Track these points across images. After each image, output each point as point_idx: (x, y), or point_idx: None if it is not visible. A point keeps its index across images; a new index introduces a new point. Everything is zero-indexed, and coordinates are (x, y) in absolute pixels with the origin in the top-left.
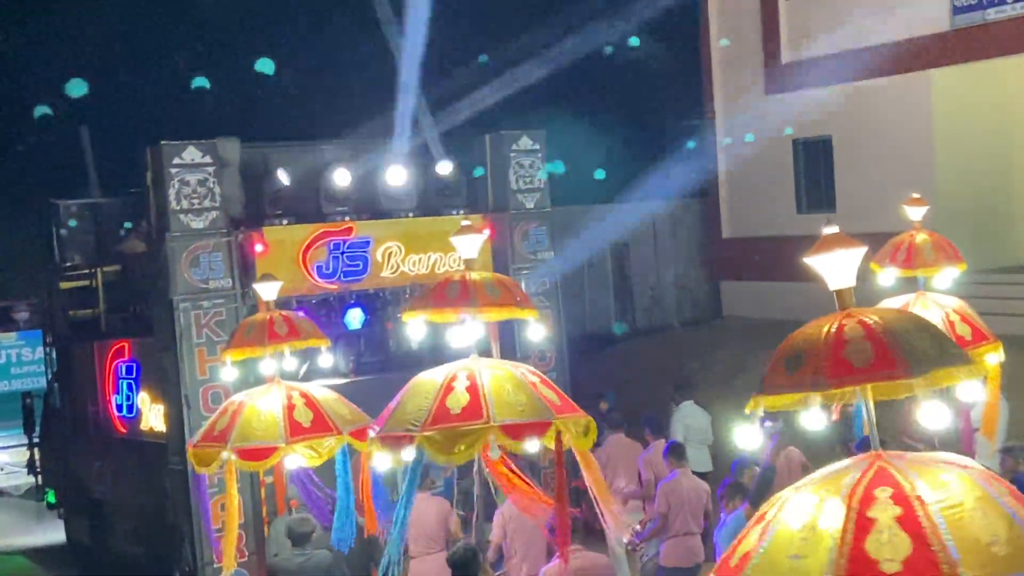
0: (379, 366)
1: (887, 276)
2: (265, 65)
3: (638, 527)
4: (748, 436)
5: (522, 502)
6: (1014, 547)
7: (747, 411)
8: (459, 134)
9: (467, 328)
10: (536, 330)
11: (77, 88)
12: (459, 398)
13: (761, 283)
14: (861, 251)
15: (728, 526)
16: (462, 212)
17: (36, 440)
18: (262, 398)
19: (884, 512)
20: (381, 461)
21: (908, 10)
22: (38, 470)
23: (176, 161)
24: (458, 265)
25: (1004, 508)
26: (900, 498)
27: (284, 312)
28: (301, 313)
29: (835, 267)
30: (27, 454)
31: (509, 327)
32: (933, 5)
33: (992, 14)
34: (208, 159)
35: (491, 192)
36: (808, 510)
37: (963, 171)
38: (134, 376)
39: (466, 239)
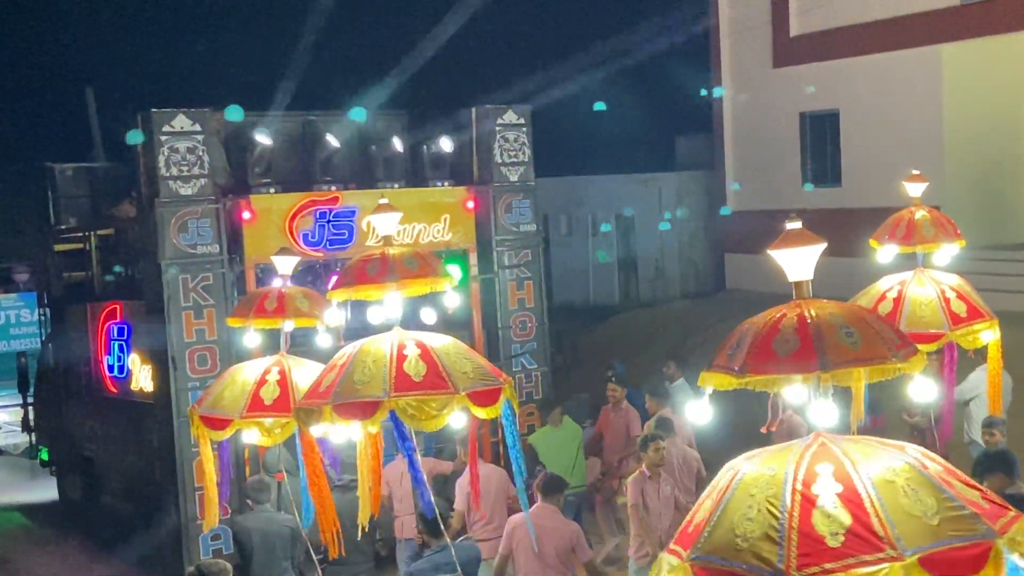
0: (366, 332)
1: (886, 253)
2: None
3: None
4: (699, 411)
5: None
6: (943, 517)
7: (699, 386)
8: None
9: (389, 302)
10: (451, 297)
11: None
12: (330, 375)
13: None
14: (820, 247)
15: None
16: (448, 184)
17: (30, 399)
18: (248, 369)
19: (826, 488)
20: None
21: None
22: (32, 428)
23: (166, 129)
24: (442, 235)
25: (932, 482)
26: (841, 475)
27: (287, 288)
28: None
29: (795, 261)
30: (22, 413)
31: (491, 296)
32: None
33: None
34: (197, 127)
35: (476, 165)
36: (757, 485)
37: (971, 147)
38: (125, 337)
39: (383, 216)
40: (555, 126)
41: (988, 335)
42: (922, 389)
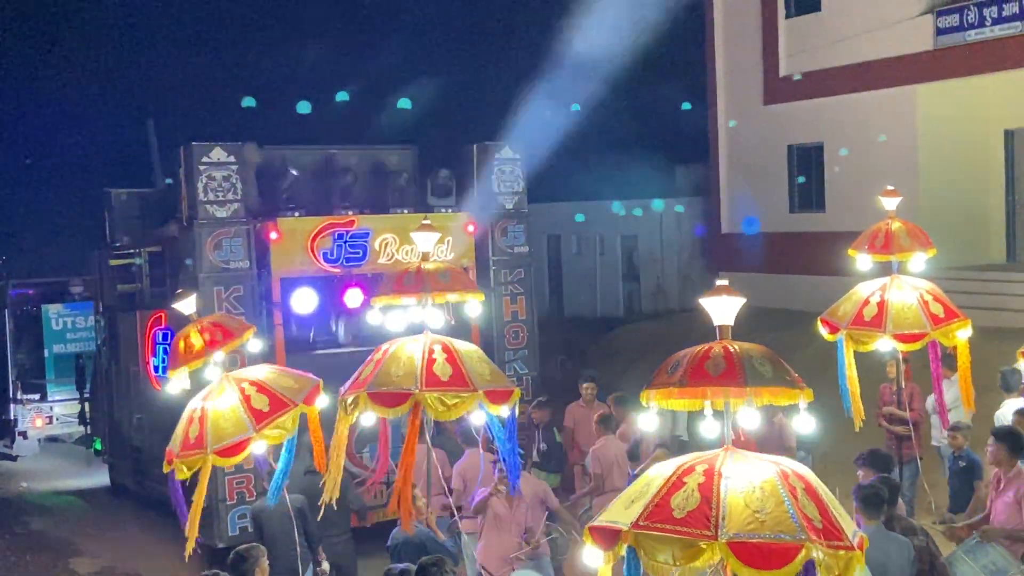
0: (374, 338)
1: (864, 261)
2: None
3: None
4: (647, 420)
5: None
6: (773, 519)
7: (642, 401)
8: (453, 142)
9: (429, 310)
10: (474, 307)
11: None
12: (444, 368)
13: (755, 274)
14: (741, 300)
15: None
16: (451, 210)
17: (86, 395)
18: (220, 398)
19: (693, 479)
20: (368, 417)
21: (896, 30)
22: (88, 421)
23: (205, 159)
24: (445, 255)
25: (782, 495)
26: (708, 472)
27: (209, 319)
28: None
29: (720, 309)
30: (79, 407)
31: (487, 309)
32: (919, 26)
33: (972, 35)
34: (232, 159)
35: (477, 193)
36: (657, 473)
37: (944, 177)
38: (169, 341)
39: (424, 235)
40: (565, 157)
41: (963, 333)
42: (805, 421)
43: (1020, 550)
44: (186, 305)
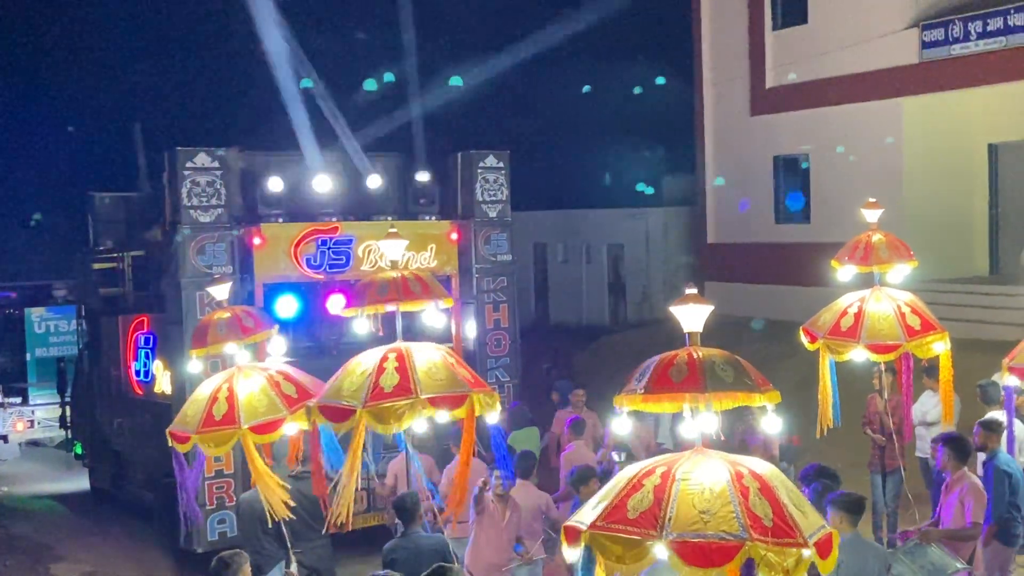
0: (357, 346)
1: (846, 272)
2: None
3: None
4: (620, 424)
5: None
6: (718, 519)
7: (615, 405)
8: (438, 150)
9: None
10: (436, 316)
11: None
12: (390, 377)
13: (741, 284)
14: (709, 308)
15: None
16: (434, 218)
17: (67, 399)
18: (246, 381)
19: (651, 481)
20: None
21: (882, 43)
22: (68, 425)
23: (189, 165)
24: (428, 263)
25: (729, 496)
26: (665, 475)
27: (242, 308)
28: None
29: (689, 316)
30: (60, 411)
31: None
32: (904, 40)
33: (957, 49)
34: (216, 164)
35: (460, 202)
36: (623, 474)
37: (928, 190)
38: (151, 346)
39: (392, 243)
40: (553, 165)
41: (940, 346)
42: (771, 422)
43: (967, 551)
44: (220, 291)
